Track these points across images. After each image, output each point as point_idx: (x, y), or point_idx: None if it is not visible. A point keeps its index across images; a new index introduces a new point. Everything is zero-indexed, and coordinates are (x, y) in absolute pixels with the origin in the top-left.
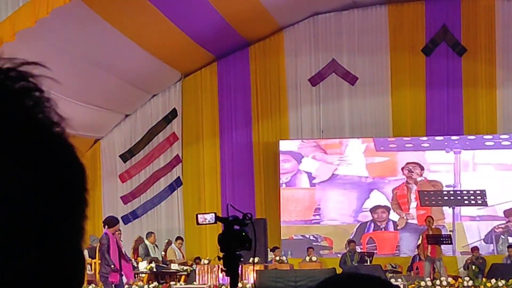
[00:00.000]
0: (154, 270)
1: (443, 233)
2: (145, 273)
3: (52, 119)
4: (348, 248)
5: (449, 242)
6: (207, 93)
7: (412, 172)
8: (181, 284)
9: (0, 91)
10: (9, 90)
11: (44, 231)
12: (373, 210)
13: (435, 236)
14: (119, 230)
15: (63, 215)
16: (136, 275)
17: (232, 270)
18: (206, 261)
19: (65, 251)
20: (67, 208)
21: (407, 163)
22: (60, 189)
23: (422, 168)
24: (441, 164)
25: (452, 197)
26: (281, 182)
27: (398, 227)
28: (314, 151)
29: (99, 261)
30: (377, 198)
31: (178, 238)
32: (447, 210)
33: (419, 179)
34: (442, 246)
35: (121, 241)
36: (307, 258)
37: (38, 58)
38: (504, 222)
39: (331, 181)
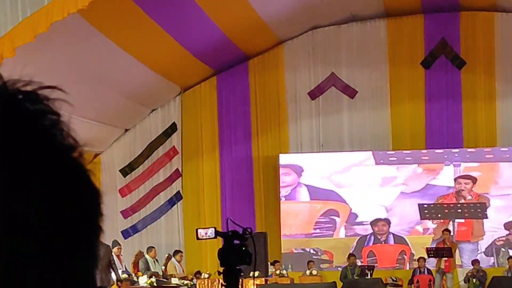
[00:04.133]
0: (155, 284)
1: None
2: None
3: (68, 142)
4: (348, 262)
5: (450, 255)
6: (206, 107)
7: (461, 184)
8: None
9: (18, 112)
10: (27, 111)
11: (56, 254)
12: (373, 223)
13: (435, 250)
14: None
15: (76, 240)
16: None
17: (233, 285)
18: (206, 276)
19: (78, 275)
20: (80, 233)
21: (460, 176)
22: (74, 214)
23: (474, 182)
24: None
25: (452, 210)
26: (281, 195)
27: (433, 237)
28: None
29: None
30: None
31: (178, 251)
32: (486, 225)
33: (468, 197)
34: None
35: (121, 255)
36: (308, 272)
37: (38, 73)
38: (505, 235)
39: (422, 191)
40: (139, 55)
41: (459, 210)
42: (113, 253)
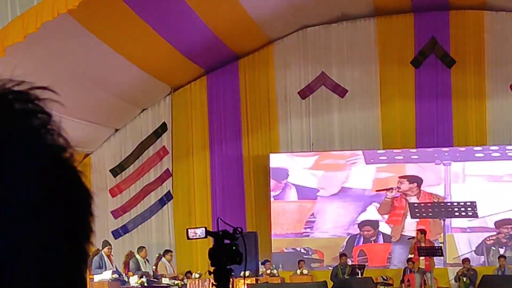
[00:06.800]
0: (145, 284)
1: (435, 245)
2: None
3: (59, 143)
4: (339, 261)
5: (440, 254)
6: (196, 106)
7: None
8: None
9: (8, 111)
10: (17, 111)
11: (46, 255)
12: (361, 225)
13: (427, 248)
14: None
15: (66, 240)
16: None
17: (223, 284)
18: (197, 275)
19: (68, 274)
20: (71, 234)
21: (400, 177)
22: (65, 215)
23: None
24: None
25: (442, 209)
26: (271, 195)
27: (392, 239)
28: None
29: None
30: (373, 212)
31: (168, 251)
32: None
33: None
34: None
35: (112, 255)
36: (298, 271)
37: (27, 73)
38: (495, 233)
39: (338, 194)
40: (129, 55)
41: (449, 209)
42: (103, 253)
